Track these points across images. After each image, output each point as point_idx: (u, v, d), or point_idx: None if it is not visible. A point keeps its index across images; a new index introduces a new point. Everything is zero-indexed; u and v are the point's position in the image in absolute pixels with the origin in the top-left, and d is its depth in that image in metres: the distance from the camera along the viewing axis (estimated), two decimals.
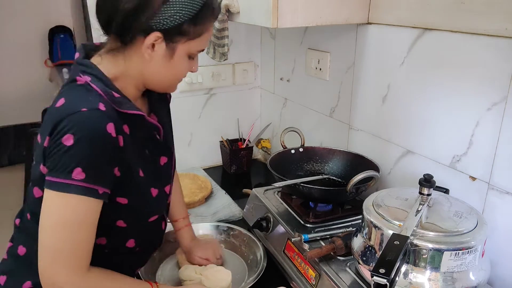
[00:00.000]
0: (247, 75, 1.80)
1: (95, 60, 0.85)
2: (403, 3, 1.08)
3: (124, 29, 0.80)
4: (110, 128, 0.76)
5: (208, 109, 1.77)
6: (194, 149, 1.79)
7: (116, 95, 0.81)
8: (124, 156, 0.81)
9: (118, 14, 0.78)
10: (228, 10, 1.23)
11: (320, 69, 1.43)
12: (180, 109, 1.70)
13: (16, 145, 3.70)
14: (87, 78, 0.80)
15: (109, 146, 0.77)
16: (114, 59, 0.84)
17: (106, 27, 0.83)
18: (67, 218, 0.76)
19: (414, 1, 1.05)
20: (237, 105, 1.82)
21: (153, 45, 0.81)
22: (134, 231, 0.91)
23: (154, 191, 0.91)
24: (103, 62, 0.84)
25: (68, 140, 0.73)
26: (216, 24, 1.27)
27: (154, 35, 0.79)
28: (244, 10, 1.19)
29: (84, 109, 0.75)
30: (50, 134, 0.76)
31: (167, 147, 0.98)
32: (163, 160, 0.96)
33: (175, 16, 0.78)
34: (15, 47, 3.53)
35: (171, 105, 1.15)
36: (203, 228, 1.26)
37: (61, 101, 0.78)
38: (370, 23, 1.20)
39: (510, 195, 0.91)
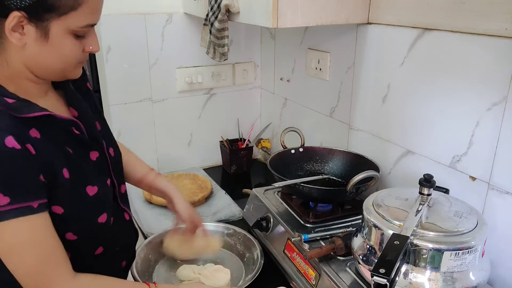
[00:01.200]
0: (247, 75, 1.80)
1: None
2: (403, 3, 1.08)
3: None
4: (10, 141, 0.69)
5: (208, 109, 1.77)
6: (194, 149, 1.79)
7: (10, 100, 0.73)
8: (42, 162, 0.74)
9: None
10: (228, 10, 1.23)
11: (320, 69, 1.43)
12: (180, 109, 1.71)
13: None
14: None
15: (19, 159, 0.70)
16: None
17: None
18: (18, 243, 0.72)
19: (414, 1, 1.05)
20: (237, 105, 1.82)
21: (22, 28, 0.71)
22: (90, 239, 0.86)
23: (92, 189, 0.83)
24: None
25: None
26: (216, 24, 1.27)
27: (14, 16, 0.69)
28: (244, 10, 1.19)
29: None
30: None
31: (95, 141, 0.88)
32: (94, 155, 0.87)
33: None
34: None
35: (171, 104, 1.15)
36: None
37: None
38: (370, 23, 1.20)
39: (510, 195, 0.91)
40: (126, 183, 1.02)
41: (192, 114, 1.75)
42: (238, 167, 1.74)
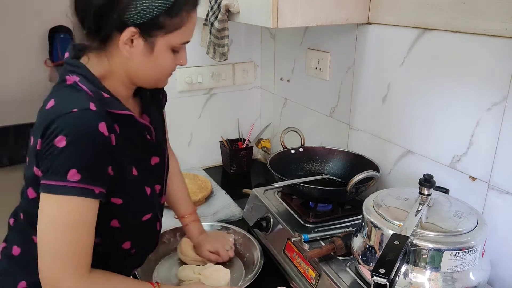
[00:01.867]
0: (247, 75, 1.80)
1: (83, 60, 0.84)
2: (403, 3, 1.08)
3: (98, 26, 0.78)
4: (102, 127, 0.76)
5: (208, 109, 1.77)
6: (194, 149, 1.79)
7: (105, 95, 0.81)
8: (116, 155, 0.80)
9: (90, 11, 0.77)
10: (228, 10, 1.23)
11: (320, 69, 1.43)
12: (180, 109, 1.71)
13: (16, 145, 3.70)
14: (76, 78, 0.80)
15: (102, 145, 0.76)
16: (99, 58, 0.83)
17: (82, 26, 0.81)
18: (65, 220, 0.76)
19: (414, 1, 1.05)
20: (237, 105, 1.82)
21: (131, 41, 0.79)
22: (128, 232, 0.91)
23: (148, 190, 0.91)
24: (90, 62, 0.83)
25: (61, 142, 0.73)
26: (216, 24, 1.27)
27: (129, 31, 0.77)
28: (244, 10, 1.19)
29: (75, 110, 0.74)
30: (41, 136, 0.75)
31: (159, 148, 0.96)
32: (154, 160, 0.95)
33: (148, 9, 0.76)
34: (15, 47, 3.53)
35: (171, 104, 1.15)
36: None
37: (51, 103, 0.78)
38: (370, 23, 1.20)
39: (510, 195, 0.91)
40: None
41: (192, 114, 1.75)
42: (238, 167, 1.74)
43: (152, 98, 0.98)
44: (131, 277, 1.04)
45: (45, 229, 0.76)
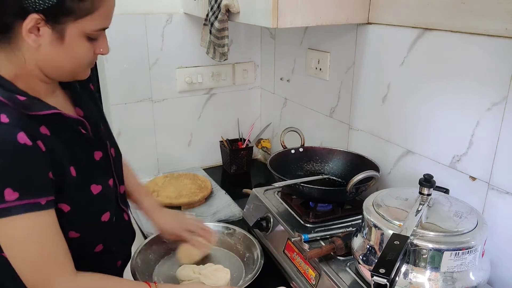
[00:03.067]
0: (247, 75, 1.80)
1: None
2: (403, 3, 1.08)
3: None
4: (22, 137, 0.70)
5: (208, 109, 1.77)
6: (194, 149, 1.79)
7: (21, 98, 0.74)
8: (51, 159, 0.75)
9: None
10: (228, 10, 1.23)
11: (320, 69, 1.43)
12: (180, 109, 1.71)
13: None
14: None
15: (29, 156, 0.71)
16: (6, 56, 0.76)
17: None
18: (24, 239, 0.73)
19: (414, 1, 1.05)
20: (237, 105, 1.82)
21: (37, 29, 0.72)
22: (92, 237, 0.87)
23: (96, 188, 0.85)
24: None
25: None
26: (216, 24, 1.27)
27: (32, 18, 0.70)
28: (244, 10, 1.19)
29: None
30: None
31: (99, 141, 0.90)
32: (98, 155, 0.89)
33: None
34: None
35: (171, 104, 1.15)
36: None
37: None
38: (370, 23, 1.20)
39: (510, 195, 0.91)
40: None
41: (192, 114, 1.75)
42: (238, 167, 1.74)
43: (83, 89, 0.92)
44: (129, 272, 1.04)
45: (11, 253, 0.74)
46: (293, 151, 1.33)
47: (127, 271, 1.07)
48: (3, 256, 0.77)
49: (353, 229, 0.97)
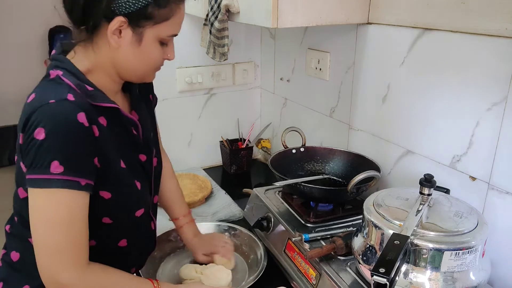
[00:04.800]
0: (247, 75, 1.80)
1: (70, 55, 0.83)
2: (403, 3, 1.08)
3: (86, 16, 0.78)
4: (81, 117, 0.74)
5: (208, 109, 1.77)
6: (194, 149, 1.79)
7: (90, 88, 0.80)
8: (102, 147, 0.79)
9: (78, 1, 0.77)
10: (228, 10, 1.23)
11: (320, 69, 1.43)
12: (180, 109, 1.71)
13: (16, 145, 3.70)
14: (59, 72, 0.79)
15: (83, 135, 0.75)
16: (85, 51, 0.83)
17: (70, 17, 0.81)
18: (54, 214, 0.75)
19: (414, 1, 1.05)
20: (237, 105, 1.82)
21: (119, 32, 0.79)
22: (122, 228, 0.90)
23: (138, 184, 0.90)
24: (76, 56, 0.83)
25: (40, 134, 0.72)
26: (216, 24, 1.27)
27: (118, 20, 0.77)
28: (244, 10, 1.19)
29: (52, 101, 0.74)
30: (22, 130, 0.75)
31: (147, 146, 0.95)
32: (142, 157, 0.94)
33: None
34: (15, 47, 3.53)
35: (171, 104, 1.15)
36: (205, 228, 1.26)
37: (32, 96, 0.78)
38: (370, 23, 1.20)
39: (510, 195, 0.91)
40: None
41: (192, 114, 1.75)
42: (238, 167, 1.74)
43: (142, 97, 0.98)
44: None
45: (37, 225, 0.76)
46: (294, 151, 1.33)
47: None
48: (30, 242, 0.77)
49: (354, 229, 0.97)
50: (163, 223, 1.29)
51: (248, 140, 1.78)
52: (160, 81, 1.63)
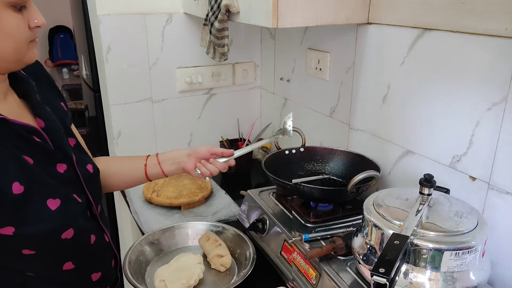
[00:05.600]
0: (247, 75, 1.80)
1: None
2: (403, 3, 1.08)
3: None
4: None
5: (208, 109, 1.77)
6: None
7: None
8: None
9: None
10: (228, 10, 1.23)
11: (320, 69, 1.43)
12: (180, 109, 1.71)
13: None
14: None
15: None
16: None
17: None
18: None
19: (414, 1, 1.05)
20: (237, 105, 1.82)
21: None
22: (54, 254, 0.80)
23: (53, 203, 0.75)
24: None
25: None
26: (216, 24, 1.27)
27: None
28: (244, 10, 1.19)
29: None
30: None
31: (63, 153, 0.82)
32: (62, 167, 0.80)
33: None
34: None
35: (171, 104, 1.13)
36: (202, 228, 1.25)
37: None
38: (370, 23, 1.20)
39: (510, 195, 0.91)
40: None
41: (192, 114, 1.75)
42: (238, 167, 1.73)
43: (54, 108, 0.86)
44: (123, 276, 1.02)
45: None
46: (293, 151, 1.33)
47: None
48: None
49: (354, 229, 0.97)
50: (158, 226, 1.28)
51: (248, 140, 1.78)
52: (160, 81, 1.64)
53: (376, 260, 0.82)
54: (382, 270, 0.66)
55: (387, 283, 0.65)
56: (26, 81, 0.83)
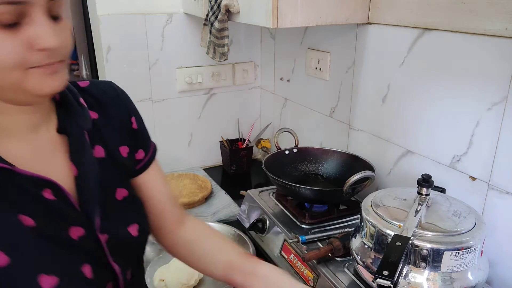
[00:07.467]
0: (247, 75, 1.79)
1: None
2: (403, 3, 1.08)
3: None
4: None
5: (208, 109, 1.77)
6: (194, 149, 1.79)
7: None
8: None
9: None
10: (228, 10, 1.23)
11: (320, 69, 1.43)
12: (180, 109, 1.71)
13: None
14: None
15: None
16: None
17: None
18: None
19: (414, 1, 1.04)
20: (237, 105, 1.82)
21: None
22: None
23: (48, 280, 0.56)
24: None
25: None
26: (216, 24, 1.27)
27: None
28: (244, 10, 1.19)
29: None
30: None
31: (82, 215, 0.62)
32: (76, 232, 0.61)
33: None
34: None
35: (171, 104, 1.11)
36: None
37: None
38: (370, 23, 1.19)
39: (510, 195, 0.90)
40: None
41: (192, 114, 1.75)
42: (238, 167, 1.73)
43: (96, 141, 0.68)
44: None
45: None
46: (287, 152, 1.32)
47: None
48: None
49: (350, 230, 0.97)
50: None
51: (248, 140, 1.78)
52: (160, 81, 1.64)
53: (373, 261, 0.82)
54: (386, 272, 0.65)
55: (391, 285, 0.64)
56: (76, 113, 0.65)
